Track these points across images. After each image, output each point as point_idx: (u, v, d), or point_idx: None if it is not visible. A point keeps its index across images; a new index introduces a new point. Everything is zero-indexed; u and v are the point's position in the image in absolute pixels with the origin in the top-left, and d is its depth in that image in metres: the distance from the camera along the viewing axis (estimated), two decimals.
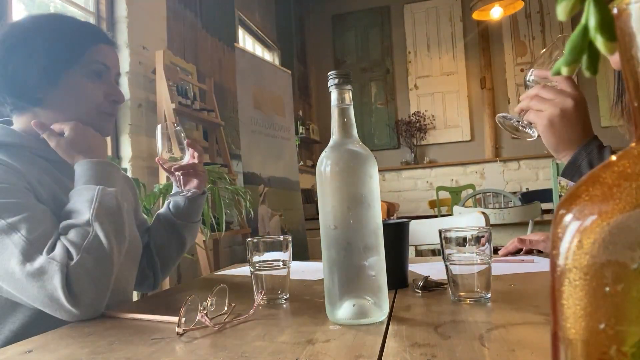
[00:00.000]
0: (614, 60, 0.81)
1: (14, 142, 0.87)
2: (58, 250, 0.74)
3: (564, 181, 0.86)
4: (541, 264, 1.04)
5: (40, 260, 0.72)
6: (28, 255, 0.72)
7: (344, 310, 0.62)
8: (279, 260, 0.81)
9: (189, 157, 1.03)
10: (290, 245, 0.82)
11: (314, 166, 1.26)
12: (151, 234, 1.14)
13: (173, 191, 1.12)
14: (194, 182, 1.07)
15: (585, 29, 0.22)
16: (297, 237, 3.18)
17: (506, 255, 1.22)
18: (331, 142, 0.66)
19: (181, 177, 1.06)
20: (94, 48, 0.92)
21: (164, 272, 1.15)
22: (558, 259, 0.22)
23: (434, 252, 2.39)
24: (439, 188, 4.80)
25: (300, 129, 5.14)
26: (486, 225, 0.85)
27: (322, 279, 0.66)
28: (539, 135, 0.88)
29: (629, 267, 0.19)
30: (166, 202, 1.14)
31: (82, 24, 0.96)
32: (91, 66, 0.91)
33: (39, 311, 0.76)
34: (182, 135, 1.02)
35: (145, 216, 1.21)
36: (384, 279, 0.64)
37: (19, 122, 0.92)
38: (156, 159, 1.03)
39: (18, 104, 0.90)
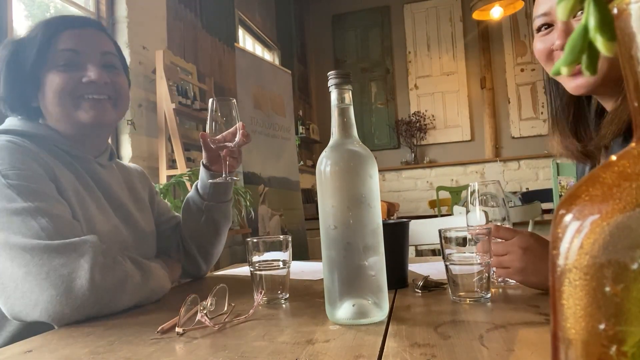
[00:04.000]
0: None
1: (38, 133, 0.89)
2: (90, 236, 0.77)
3: (564, 181, 0.85)
4: None
5: (71, 239, 0.74)
6: (52, 237, 0.74)
7: (343, 310, 0.62)
8: (279, 260, 0.81)
9: (240, 138, 0.95)
10: (290, 245, 0.82)
11: (314, 166, 1.25)
12: (182, 219, 1.12)
13: (202, 176, 1.06)
14: (235, 165, 1.03)
15: (585, 29, 0.22)
16: (297, 237, 3.18)
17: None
18: (331, 142, 0.66)
19: (228, 160, 0.99)
20: (57, 37, 0.90)
21: (206, 258, 1.12)
22: (558, 259, 0.22)
23: (434, 252, 2.39)
24: (439, 188, 4.80)
25: (300, 129, 5.14)
26: (486, 225, 0.85)
27: (322, 279, 0.66)
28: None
29: (629, 267, 0.19)
30: (194, 184, 1.11)
31: (47, 20, 0.93)
32: (56, 58, 0.89)
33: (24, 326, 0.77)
34: (236, 111, 0.96)
35: (168, 204, 1.18)
36: (384, 279, 0.64)
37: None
38: (201, 134, 0.99)
39: (27, 120, 0.93)
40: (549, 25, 0.84)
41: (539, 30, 0.85)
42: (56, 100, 0.89)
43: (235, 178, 1.01)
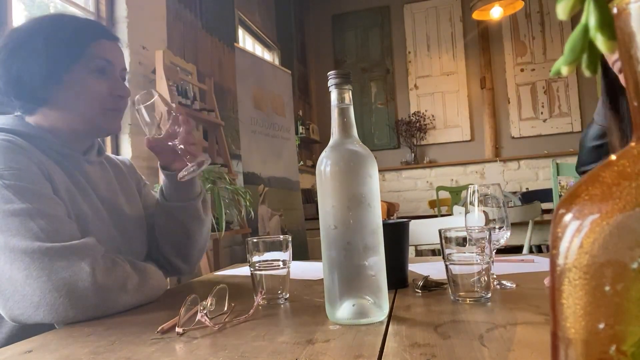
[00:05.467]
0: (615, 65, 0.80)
1: (30, 132, 0.88)
2: (89, 238, 0.77)
3: (564, 181, 0.86)
4: (541, 264, 1.04)
5: (72, 242, 0.74)
6: (52, 238, 0.73)
7: (343, 310, 0.62)
8: (279, 260, 0.81)
9: (183, 129, 0.93)
10: (290, 245, 0.82)
11: (314, 166, 1.24)
12: (154, 219, 1.06)
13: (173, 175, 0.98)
14: (192, 154, 0.95)
15: (586, 28, 0.22)
16: (297, 237, 3.18)
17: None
18: (331, 142, 0.66)
19: (188, 151, 0.93)
20: (94, 44, 0.92)
21: (184, 258, 1.07)
22: (558, 258, 0.22)
23: (434, 252, 2.39)
24: (439, 188, 4.80)
25: (300, 129, 5.14)
26: (487, 225, 0.85)
27: (322, 279, 0.66)
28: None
29: (629, 266, 0.19)
30: (158, 187, 1.06)
31: (82, 21, 0.95)
32: (93, 62, 0.91)
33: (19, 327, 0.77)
34: (162, 100, 0.91)
35: (156, 197, 1.12)
36: (384, 278, 0.64)
37: (31, 123, 0.92)
38: (146, 141, 0.95)
39: (26, 106, 0.91)
40: None
41: None
42: (86, 103, 0.91)
43: (202, 160, 0.92)
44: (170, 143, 0.94)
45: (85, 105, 0.91)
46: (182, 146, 0.93)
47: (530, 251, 1.89)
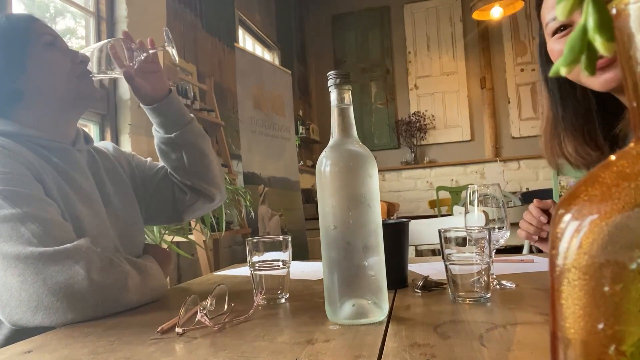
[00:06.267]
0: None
1: (14, 131, 0.87)
2: (82, 240, 0.77)
3: (564, 181, 0.86)
4: (541, 264, 1.04)
5: (64, 246, 0.74)
6: (45, 242, 0.73)
7: (343, 310, 0.62)
8: (278, 260, 0.81)
9: (145, 53, 1.00)
10: (290, 245, 0.82)
11: (314, 166, 1.25)
12: (166, 166, 1.11)
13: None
14: (149, 86, 1.03)
15: (584, 29, 0.22)
16: (297, 237, 3.18)
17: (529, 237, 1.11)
18: (331, 142, 0.66)
19: (137, 81, 1.01)
20: (34, 24, 0.93)
21: (212, 182, 1.12)
22: (557, 258, 0.22)
23: (434, 252, 2.39)
24: (439, 188, 4.80)
25: (300, 129, 5.14)
26: (486, 225, 0.85)
27: (322, 279, 0.66)
28: None
29: (628, 267, 0.19)
30: (152, 130, 1.11)
31: (12, 16, 0.96)
32: (42, 38, 0.92)
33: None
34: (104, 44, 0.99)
35: (148, 159, 1.19)
36: (384, 279, 0.64)
37: (13, 118, 0.92)
38: (124, 72, 0.99)
39: (5, 104, 0.90)
40: (565, 27, 0.83)
41: (555, 32, 0.85)
42: (56, 76, 0.91)
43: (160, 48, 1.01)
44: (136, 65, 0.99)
45: (56, 79, 0.92)
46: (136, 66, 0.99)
47: (530, 251, 1.89)
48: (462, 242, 0.74)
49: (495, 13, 4.34)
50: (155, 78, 1.04)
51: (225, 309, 0.73)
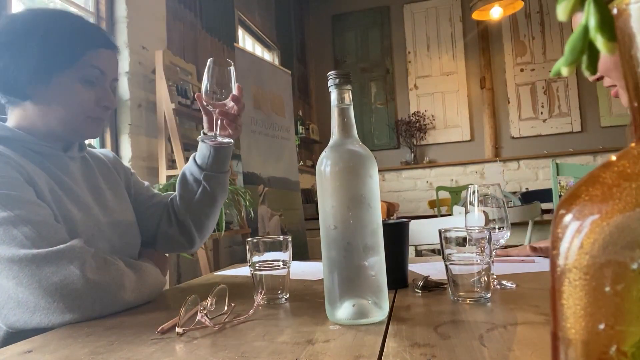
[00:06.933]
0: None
1: (7, 135, 0.86)
2: (75, 241, 0.76)
3: (563, 181, 0.86)
4: (541, 264, 1.04)
5: (58, 247, 0.73)
6: (38, 244, 0.73)
7: (343, 310, 0.62)
8: (279, 261, 0.81)
9: (236, 103, 0.98)
10: (290, 245, 0.82)
11: (314, 166, 1.26)
12: (178, 192, 1.11)
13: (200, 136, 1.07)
14: (228, 132, 1.03)
15: (586, 29, 0.22)
16: (297, 237, 3.18)
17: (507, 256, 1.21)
18: (331, 142, 0.66)
19: (220, 121, 1.01)
20: (91, 53, 0.90)
21: (201, 230, 1.12)
22: (558, 259, 0.22)
23: (434, 252, 2.39)
24: (439, 188, 4.80)
25: (300, 129, 5.14)
26: (487, 225, 0.85)
27: (322, 279, 0.66)
28: None
29: (629, 267, 0.19)
30: (191, 156, 1.11)
31: (83, 25, 0.92)
32: (85, 71, 0.89)
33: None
34: (233, 76, 0.97)
35: (146, 184, 1.19)
36: (384, 279, 0.64)
37: (11, 117, 0.91)
38: (196, 95, 1.00)
39: (9, 98, 0.90)
40: None
41: None
42: (69, 108, 0.89)
43: (225, 140, 1.01)
44: (216, 106, 0.98)
45: (68, 111, 0.89)
46: (220, 117, 1.00)
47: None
48: (462, 242, 0.74)
49: (495, 13, 4.34)
50: (236, 130, 1.05)
51: (225, 309, 0.73)
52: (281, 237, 0.83)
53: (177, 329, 0.61)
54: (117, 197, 1.03)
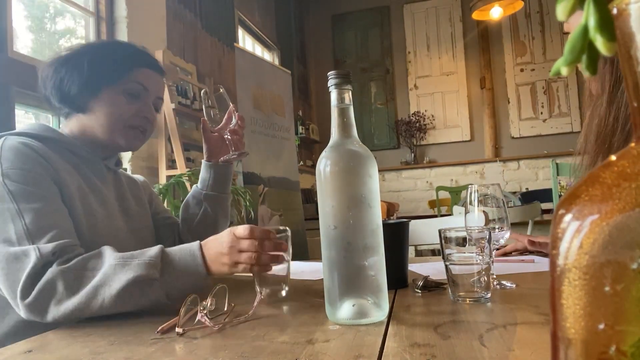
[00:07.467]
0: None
1: (50, 136, 0.93)
2: (49, 246, 0.75)
3: (563, 181, 0.86)
4: (541, 264, 1.04)
5: (27, 246, 0.75)
6: (20, 241, 0.75)
7: (343, 310, 0.62)
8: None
9: (236, 121, 1.08)
10: (289, 240, 0.83)
11: (314, 166, 1.27)
12: (181, 217, 1.17)
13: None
14: (240, 143, 1.11)
15: (585, 28, 0.22)
16: (297, 237, 3.18)
17: (505, 254, 1.21)
18: (331, 142, 0.66)
19: (231, 140, 1.08)
20: (137, 70, 1.01)
21: None
22: (557, 258, 0.22)
23: (434, 252, 2.39)
24: (439, 188, 4.80)
25: (300, 129, 5.14)
26: (487, 225, 0.85)
27: (322, 279, 0.66)
28: None
29: (629, 267, 0.19)
30: (193, 186, 1.18)
31: (131, 48, 1.06)
32: (130, 85, 0.99)
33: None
34: (227, 97, 1.07)
35: (165, 207, 1.25)
36: (384, 278, 0.64)
37: (66, 126, 1.01)
38: (202, 120, 1.10)
39: (65, 110, 1.00)
40: None
41: None
42: (111, 118, 0.98)
43: (244, 152, 1.09)
44: (225, 135, 1.08)
45: (110, 118, 0.98)
46: (229, 136, 1.07)
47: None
48: (462, 242, 0.74)
49: (495, 13, 4.33)
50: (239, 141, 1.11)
51: (225, 309, 0.73)
52: (281, 227, 0.85)
53: (177, 329, 0.62)
54: (140, 210, 1.10)
